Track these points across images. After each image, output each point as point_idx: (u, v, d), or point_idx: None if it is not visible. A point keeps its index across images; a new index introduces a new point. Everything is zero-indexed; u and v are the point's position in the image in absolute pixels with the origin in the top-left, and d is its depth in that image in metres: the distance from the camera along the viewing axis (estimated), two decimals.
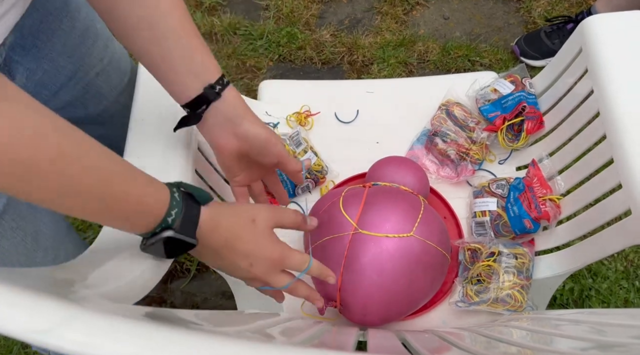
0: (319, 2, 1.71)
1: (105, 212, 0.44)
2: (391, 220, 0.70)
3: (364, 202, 0.72)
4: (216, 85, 0.59)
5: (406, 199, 0.74)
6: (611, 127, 0.71)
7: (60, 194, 0.41)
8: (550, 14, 1.63)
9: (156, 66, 0.59)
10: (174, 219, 0.48)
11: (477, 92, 0.94)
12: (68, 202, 0.42)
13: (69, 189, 0.41)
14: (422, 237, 0.70)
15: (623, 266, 1.24)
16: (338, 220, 0.72)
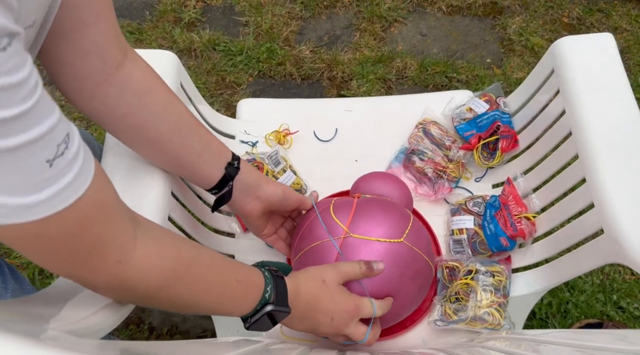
0: (298, 19, 1.72)
1: (223, 302, 0.54)
2: (383, 226, 0.70)
3: (354, 210, 0.72)
4: (233, 161, 0.68)
5: (396, 209, 0.74)
6: (583, 146, 0.72)
7: (194, 294, 0.50)
8: (525, 30, 1.67)
9: (176, 156, 0.65)
10: (270, 295, 0.56)
11: (453, 111, 0.95)
12: (201, 300, 0.51)
13: (200, 288, 0.51)
14: (412, 245, 0.71)
15: (599, 279, 1.26)
16: (328, 226, 0.71)
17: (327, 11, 1.74)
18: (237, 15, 1.73)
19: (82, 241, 0.40)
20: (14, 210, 0.33)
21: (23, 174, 0.32)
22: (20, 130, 0.31)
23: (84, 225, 0.39)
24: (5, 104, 0.30)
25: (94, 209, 0.39)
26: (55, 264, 0.41)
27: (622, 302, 1.23)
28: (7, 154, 0.30)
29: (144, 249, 0.45)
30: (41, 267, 1.25)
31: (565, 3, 1.74)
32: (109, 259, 0.43)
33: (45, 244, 0.38)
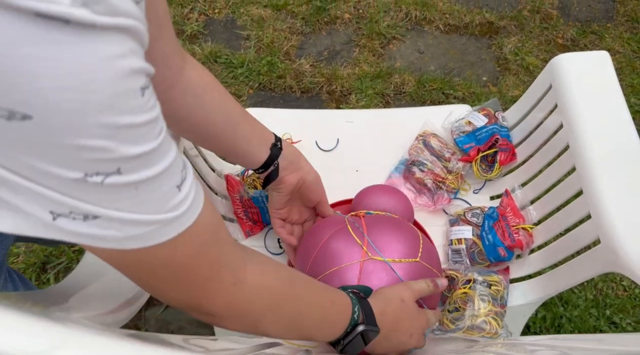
0: (299, 34, 1.75)
1: (323, 323, 0.56)
2: (398, 247, 0.71)
3: (366, 231, 0.73)
4: (277, 142, 0.74)
5: (406, 227, 0.75)
6: (580, 159, 0.74)
7: (297, 314, 0.53)
8: (521, 50, 1.71)
9: (229, 144, 0.71)
10: (358, 315, 0.58)
11: (453, 124, 0.97)
12: (304, 320, 0.54)
13: (302, 309, 0.53)
14: (426, 263, 0.72)
15: (592, 295, 1.27)
16: (346, 249, 0.71)
17: (327, 27, 1.78)
18: (239, 29, 1.75)
19: (201, 266, 0.42)
20: (153, 230, 0.35)
21: (161, 198, 0.34)
22: (158, 160, 0.33)
23: (203, 250, 0.41)
24: (149, 137, 0.32)
25: (209, 232, 0.41)
26: (176, 292, 0.42)
27: (615, 317, 1.25)
28: (150, 182, 0.33)
29: (252, 270, 0.47)
30: (39, 272, 1.25)
31: (559, 25, 1.78)
32: (225, 281, 0.44)
33: (171, 273, 0.40)
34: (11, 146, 0.28)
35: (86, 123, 0.28)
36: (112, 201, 0.32)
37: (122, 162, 0.30)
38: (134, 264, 0.37)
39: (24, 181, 0.29)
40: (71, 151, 0.28)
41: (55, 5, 0.24)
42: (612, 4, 1.85)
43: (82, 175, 0.30)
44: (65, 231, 0.32)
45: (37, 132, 0.27)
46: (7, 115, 0.26)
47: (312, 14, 1.78)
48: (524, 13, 1.81)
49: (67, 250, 1.27)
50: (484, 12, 1.80)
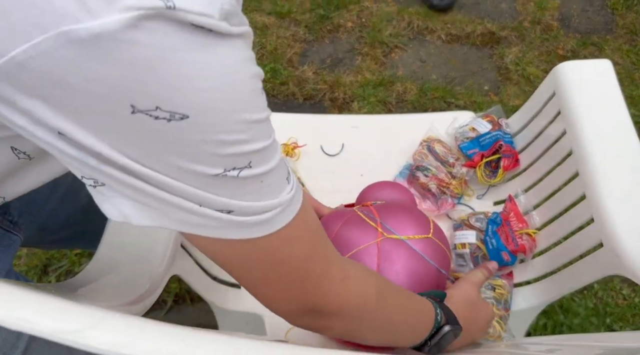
0: (302, 41, 1.77)
1: (416, 326, 0.57)
2: (411, 226, 0.72)
3: (377, 216, 0.74)
4: None
5: (414, 209, 0.77)
6: (583, 165, 0.75)
7: (396, 312, 0.53)
8: (522, 60, 1.73)
9: None
10: (441, 317, 0.59)
11: (457, 130, 0.98)
12: (400, 319, 0.54)
13: (399, 304, 0.54)
14: (438, 240, 0.73)
15: (593, 303, 1.28)
16: (361, 232, 0.72)
17: (330, 35, 1.80)
18: None
19: (315, 262, 0.43)
20: (277, 213, 0.38)
21: (278, 187, 0.38)
22: (274, 153, 0.37)
23: (314, 244, 0.43)
24: (268, 133, 0.35)
25: (315, 223, 0.43)
26: (291, 292, 0.43)
27: (615, 325, 1.25)
28: (270, 174, 0.36)
29: (353, 265, 0.49)
30: (40, 274, 1.25)
31: (560, 36, 1.81)
32: (335, 277, 0.45)
33: (288, 270, 0.41)
34: (165, 148, 0.31)
35: (231, 119, 0.31)
36: (242, 194, 0.35)
37: (253, 155, 0.34)
38: (255, 260, 0.40)
39: (172, 181, 0.32)
40: (215, 146, 0.32)
41: (210, 19, 0.28)
42: (612, 17, 1.88)
43: (222, 171, 0.33)
44: (207, 216, 0.35)
45: (191, 130, 0.30)
46: (169, 117, 0.29)
47: (315, 22, 1.80)
48: (525, 24, 1.84)
49: (68, 253, 1.27)
50: (485, 23, 1.83)
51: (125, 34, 0.26)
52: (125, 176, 0.32)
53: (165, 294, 1.25)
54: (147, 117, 0.29)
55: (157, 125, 0.29)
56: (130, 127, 0.29)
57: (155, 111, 0.29)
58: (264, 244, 0.38)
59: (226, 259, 0.40)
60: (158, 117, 0.29)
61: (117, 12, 0.25)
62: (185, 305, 1.24)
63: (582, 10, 1.90)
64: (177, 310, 1.23)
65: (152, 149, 0.31)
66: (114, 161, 0.31)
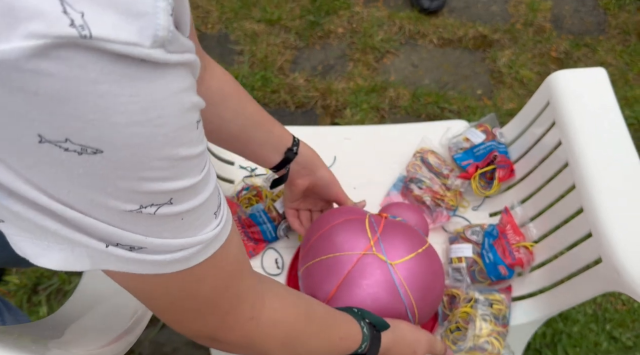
0: (292, 48, 1.75)
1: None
2: (403, 254, 0.71)
3: (381, 230, 0.73)
4: (293, 147, 0.75)
5: (421, 240, 0.76)
6: (580, 177, 0.74)
7: (308, 351, 0.53)
8: (515, 63, 1.71)
9: (243, 147, 0.74)
10: (363, 350, 0.59)
11: (450, 141, 0.96)
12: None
13: (314, 346, 0.54)
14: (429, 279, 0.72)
15: (592, 309, 1.27)
16: (354, 237, 0.72)
17: (321, 41, 1.78)
18: (232, 44, 1.75)
19: (224, 299, 0.42)
20: (196, 251, 0.36)
21: (202, 224, 0.36)
22: (203, 189, 0.35)
23: (228, 282, 0.41)
24: (199, 169, 0.33)
25: (235, 262, 0.42)
26: (194, 323, 0.42)
27: (615, 332, 1.24)
28: (194, 211, 0.34)
29: (270, 305, 0.48)
30: (30, 294, 1.23)
31: (552, 38, 1.79)
32: (243, 316, 0.45)
33: (195, 305, 0.40)
34: (76, 181, 0.28)
35: (151, 156, 0.29)
36: (158, 231, 0.33)
37: (175, 193, 0.32)
38: (163, 292, 0.38)
39: (80, 215, 0.30)
40: (132, 183, 0.29)
41: (138, 48, 0.26)
42: (604, 17, 1.87)
43: (137, 207, 0.31)
44: (117, 256, 0.33)
45: (105, 165, 0.28)
46: (80, 150, 0.27)
47: (306, 29, 1.78)
48: (517, 26, 1.82)
49: (58, 271, 1.25)
50: (477, 26, 1.81)
51: (28, 63, 0.23)
52: (27, 210, 0.29)
53: None
54: (56, 148, 0.26)
55: (66, 157, 0.27)
56: (37, 157, 0.27)
57: (65, 143, 0.26)
58: (174, 279, 0.37)
59: (132, 289, 0.38)
60: (68, 149, 0.27)
61: (19, 39, 0.23)
62: None
63: (575, 10, 1.88)
64: (170, 327, 1.21)
65: (61, 180, 0.28)
66: (18, 193, 0.28)
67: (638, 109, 1.62)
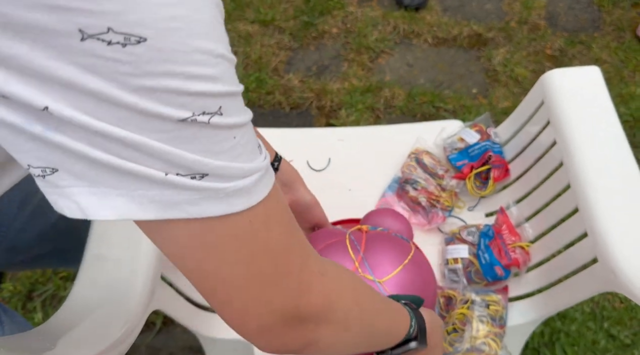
0: (287, 49, 1.74)
1: (392, 327, 0.52)
2: (389, 269, 0.70)
3: (364, 247, 0.72)
4: (274, 162, 0.71)
5: (405, 249, 0.75)
6: (575, 177, 0.73)
7: (374, 314, 0.48)
8: (510, 61, 1.71)
9: None
10: (414, 329, 0.55)
11: (445, 141, 0.96)
12: (378, 323, 0.49)
13: (377, 308, 0.49)
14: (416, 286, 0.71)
15: (589, 308, 1.26)
16: (340, 257, 0.71)
17: (316, 42, 1.77)
18: None
19: (295, 251, 0.38)
20: (256, 179, 0.33)
21: (252, 151, 0.33)
22: (245, 108, 0.33)
23: (292, 229, 0.38)
24: (235, 78, 0.32)
25: (287, 206, 0.38)
26: (277, 293, 0.36)
27: (613, 330, 1.24)
28: (244, 130, 0.32)
29: (327, 261, 0.43)
30: (24, 300, 1.22)
31: (547, 35, 1.79)
32: (315, 271, 0.39)
33: (270, 260, 0.35)
34: (124, 85, 0.26)
35: (193, 45, 0.27)
36: (215, 151, 0.31)
37: (223, 99, 0.30)
38: (236, 246, 0.34)
39: (132, 135, 0.28)
40: (181, 81, 0.28)
41: None
42: (599, 14, 1.87)
43: (190, 114, 0.29)
44: (179, 187, 0.30)
45: (150, 58, 0.26)
46: (123, 41, 0.25)
47: (300, 29, 1.78)
48: (512, 24, 1.82)
49: (53, 277, 1.24)
50: (471, 24, 1.81)
51: None
52: (76, 143, 0.27)
53: (154, 316, 1.22)
54: (99, 42, 0.25)
55: (110, 52, 0.25)
56: (80, 61, 0.25)
57: (107, 34, 0.25)
58: (243, 224, 0.33)
59: (197, 252, 0.33)
60: (111, 42, 0.25)
61: None
62: (174, 327, 1.21)
63: (569, 8, 1.88)
64: (166, 332, 1.20)
65: (107, 89, 0.26)
66: (62, 118, 0.26)
67: (633, 106, 1.62)
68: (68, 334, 0.48)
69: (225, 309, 0.36)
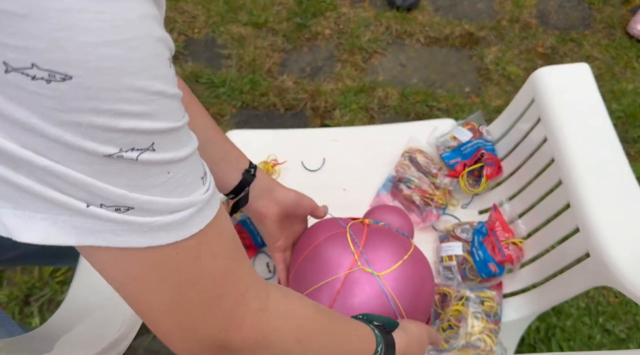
0: (280, 51, 1.75)
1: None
2: (389, 264, 0.70)
3: (364, 240, 0.72)
4: (250, 169, 0.72)
5: (405, 245, 0.75)
6: (566, 173, 0.74)
7: (325, 346, 0.48)
8: (502, 60, 1.72)
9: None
10: (380, 354, 0.54)
11: (438, 140, 0.97)
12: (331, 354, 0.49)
13: (331, 340, 0.49)
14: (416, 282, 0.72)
15: (585, 303, 1.27)
16: (337, 254, 0.71)
17: (309, 43, 1.78)
18: (220, 48, 1.75)
19: (229, 285, 0.37)
20: (188, 215, 0.32)
21: (190, 185, 0.33)
22: (186, 142, 0.32)
23: (229, 263, 0.37)
24: (177, 114, 0.31)
25: (230, 241, 0.38)
26: (202, 322, 0.36)
27: (608, 324, 1.25)
28: (180, 165, 0.32)
29: (275, 297, 0.42)
30: (22, 305, 1.22)
31: (538, 33, 1.80)
32: (252, 307, 0.39)
33: (198, 293, 0.35)
34: (48, 119, 0.26)
35: (125, 84, 0.27)
36: (144, 186, 0.30)
37: (156, 136, 0.29)
38: (160, 278, 0.34)
39: (55, 165, 0.28)
40: (109, 119, 0.27)
41: None
42: (589, 11, 1.88)
43: (117, 150, 0.28)
44: (102, 222, 0.30)
45: (76, 94, 0.26)
46: (47, 77, 0.25)
47: (293, 31, 1.78)
48: (503, 23, 1.83)
49: (50, 282, 1.24)
50: (463, 24, 1.82)
51: None
52: (1, 167, 0.27)
53: None
54: (23, 76, 0.25)
55: (34, 87, 0.25)
56: (4, 91, 0.25)
57: (32, 69, 0.25)
58: (169, 256, 0.33)
59: (122, 277, 0.33)
60: (35, 77, 0.25)
61: None
62: None
63: (560, 6, 1.89)
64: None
65: (32, 120, 0.26)
66: None
67: (625, 102, 1.63)
68: (65, 336, 0.48)
69: (153, 329, 0.37)
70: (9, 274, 1.26)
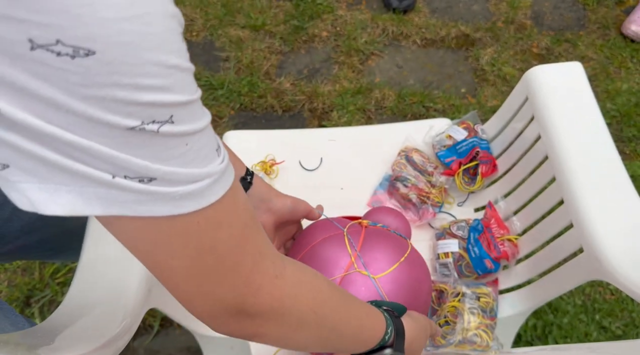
0: (278, 53, 1.76)
1: (361, 332, 0.52)
2: (385, 267, 0.71)
3: (362, 242, 0.72)
4: (247, 177, 0.71)
5: (403, 247, 0.76)
6: (559, 169, 0.75)
7: (339, 318, 0.49)
8: (497, 61, 1.74)
9: None
10: (389, 337, 0.55)
11: (433, 139, 0.98)
12: (344, 326, 0.50)
13: (343, 312, 0.50)
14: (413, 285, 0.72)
15: (581, 300, 1.28)
16: (334, 256, 0.71)
17: (306, 45, 1.79)
18: (218, 50, 1.76)
19: (246, 253, 0.39)
20: (207, 184, 0.34)
21: (207, 156, 0.34)
22: (201, 114, 0.33)
23: (245, 231, 0.39)
24: (192, 87, 0.32)
25: (246, 211, 0.39)
26: (219, 287, 0.38)
27: (604, 321, 1.26)
28: (197, 137, 0.33)
29: (291, 266, 0.44)
30: (22, 307, 1.22)
31: (534, 34, 1.82)
32: (268, 273, 0.40)
33: (216, 260, 0.37)
34: (73, 94, 0.27)
35: (143, 58, 0.28)
36: (165, 157, 0.31)
37: (175, 108, 0.31)
38: (181, 245, 0.35)
39: (80, 139, 0.29)
40: (130, 92, 0.28)
41: None
42: (583, 12, 1.90)
43: (139, 123, 0.29)
44: (126, 192, 0.31)
45: (99, 70, 0.27)
46: (72, 53, 0.26)
47: (290, 33, 1.80)
48: (498, 24, 1.85)
49: (51, 283, 1.25)
50: (459, 25, 1.83)
51: None
52: (27, 142, 0.28)
53: (151, 319, 1.23)
54: (48, 53, 0.26)
55: (59, 63, 0.26)
56: (30, 68, 0.26)
57: (57, 46, 0.26)
58: (190, 224, 0.34)
59: (146, 245, 0.35)
60: (60, 53, 0.26)
61: None
62: (172, 329, 1.22)
63: (554, 7, 1.91)
64: (165, 334, 1.21)
65: (57, 96, 0.27)
66: (14, 120, 0.27)
67: (619, 102, 1.65)
68: (66, 331, 0.49)
69: (174, 293, 0.39)
70: (9, 275, 1.27)
